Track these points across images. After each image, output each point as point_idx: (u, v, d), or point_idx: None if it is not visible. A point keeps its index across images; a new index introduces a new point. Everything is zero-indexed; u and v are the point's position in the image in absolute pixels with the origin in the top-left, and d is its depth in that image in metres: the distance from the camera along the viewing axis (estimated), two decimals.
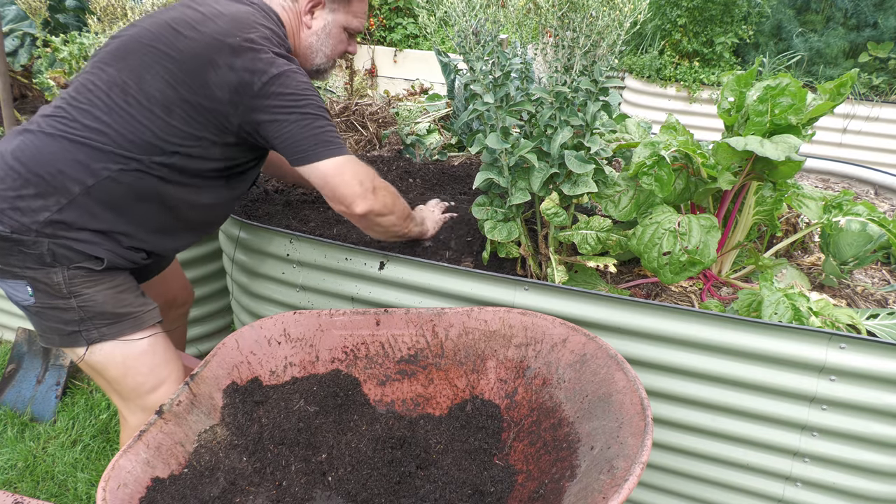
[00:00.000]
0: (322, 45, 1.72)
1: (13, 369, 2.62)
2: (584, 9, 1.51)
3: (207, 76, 1.47)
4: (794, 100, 1.66)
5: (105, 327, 1.53)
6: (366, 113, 2.89)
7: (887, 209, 2.44)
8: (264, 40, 1.52)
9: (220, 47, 1.48)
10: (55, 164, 1.44)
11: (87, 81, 1.51)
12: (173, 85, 1.48)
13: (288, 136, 1.52)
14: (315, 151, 1.53)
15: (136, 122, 1.47)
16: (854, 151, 4.41)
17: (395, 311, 1.65)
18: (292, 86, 1.50)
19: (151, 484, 1.29)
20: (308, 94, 1.52)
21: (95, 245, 1.49)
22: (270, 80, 1.48)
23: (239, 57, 1.47)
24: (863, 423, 1.49)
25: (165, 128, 1.49)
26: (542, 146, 1.69)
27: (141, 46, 1.51)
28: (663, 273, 1.64)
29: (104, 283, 1.52)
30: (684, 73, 4.60)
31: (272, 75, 1.48)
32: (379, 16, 6.20)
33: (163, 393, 1.61)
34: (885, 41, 4.42)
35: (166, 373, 1.62)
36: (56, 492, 2.19)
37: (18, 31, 3.42)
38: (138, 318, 1.57)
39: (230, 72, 1.47)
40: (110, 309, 1.53)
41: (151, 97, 1.48)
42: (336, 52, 1.74)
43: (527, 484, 1.37)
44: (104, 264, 1.50)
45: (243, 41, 1.49)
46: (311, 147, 1.52)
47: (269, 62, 1.49)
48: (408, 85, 5.47)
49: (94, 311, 1.51)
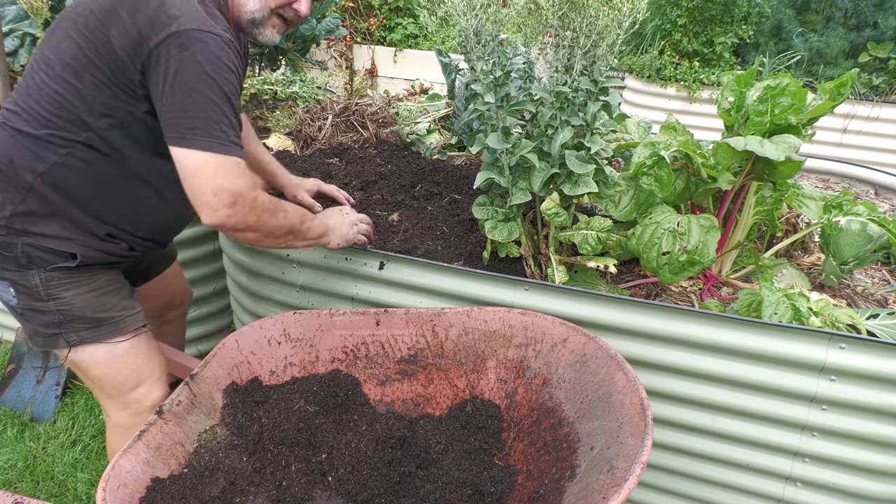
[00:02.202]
0: None
1: (13, 369, 2.62)
2: (584, 9, 1.51)
3: (109, 31, 1.31)
4: (794, 100, 1.66)
5: (84, 331, 1.51)
6: (366, 113, 2.89)
7: (887, 209, 2.44)
8: None
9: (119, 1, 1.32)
10: (6, 153, 1.40)
11: (28, 65, 1.44)
12: (81, 47, 1.34)
13: (166, 108, 1.30)
14: (183, 135, 1.30)
15: (58, 97, 1.37)
16: (854, 151, 4.40)
17: (395, 311, 1.64)
18: (193, 50, 1.27)
19: (151, 484, 1.29)
20: (210, 66, 1.29)
21: (67, 241, 1.44)
22: (168, 38, 1.27)
23: (140, 8, 1.29)
24: (863, 423, 1.49)
25: (78, 96, 1.36)
26: (543, 146, 1.69)
27: (64, 16, 1.40)
28: (662, 273, 1.64)
29: (83, 285, 1.48)
30: (684, 73, 4.60)
31: (170, 32, 1.27)
32: (379, 16, 6.20)
33: (143, 391, 1.61)
34: (885, 41, 4.41)
35: (147, 372, 1.61)
36: (56, 492, 2.19)
37: (18, 31, 3.42)
38: (119, 322, 1.54)
39: (131, 26, 1.29)
40: (89, 314, 1.50)
41: (66, 65, 1.36)
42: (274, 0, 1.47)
43: (527, 484, 1.37)
44: (77, 260, 1.45)
45: None
46: (183, 129, 1.30)
47: (173, 17, 1.28)
48: (408, 85, 5.47)
49: (72, 315, 1.49)
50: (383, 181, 2.40)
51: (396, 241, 2.02)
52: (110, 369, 1.56)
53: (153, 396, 1.62)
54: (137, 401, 1.61)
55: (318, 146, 2.77)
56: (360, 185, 2.37)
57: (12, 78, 3.36)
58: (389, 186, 2.37)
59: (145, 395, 1.61)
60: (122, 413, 1.64)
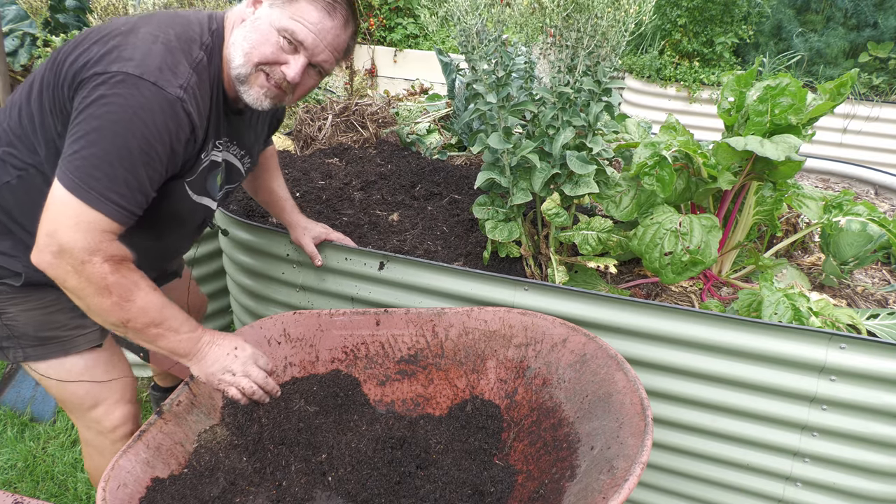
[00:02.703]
0: (243, 39, 1.33)
1: (13, 369, 2.62)
2: (589, 9, 1.50)
3: (69, 56, 1.25)
4: (794, 100, 1.66)
5: (30, 348, 1.45)
6: (366, 113, 2.89)
7: (887, 209, 2.44)
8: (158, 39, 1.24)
9: (107, 26, 1.26)
10: None
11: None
12: (48, 69, 1.29)
13: (69, 136, 1.20)
14: (63, 168, 1.18)
15: (20, 117, 1.32)
16: (854, 151, 4.41)
17: (395, 311, 1.64)
18: (122, 93, 1.16)
19: (151, 484, 1.29)
20: (129, 118, 1.17)
21: (13, 259, 1.38)
22: (105, 74, 1.18)
23: (105, 40, 1.23)
24: (863, 423, 1.49)
25: (31, 119, 1.31)
26: (544, 146, 1.69)
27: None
28: (665, 273, 1.64)
29: (30, 301, 1.42)
30: (684, 73, 4.60)
31: (111, 70, 1.18)
32: (379, 16, 6.21)
33: (101, 412, 1.55)
34: (885, 41, 4.41)
35: (106, 393, 1.54)
36: (56, 492, 2.19)
37: (18, 31, 3.42)
38: (67, 342, 1.47)
39: (86, 53, 1.22)
40: (32, 332, 1.44)
41: (36, 86, 1.31)
42: (257, 53, 1.32)
43: (527, 484, 1.37)
44: (22, 279, 1.38)
45: (125, 28, 1.24)
46: (66, 162, 1.18)
47: (124, 58, 1.19)
48: (408, 85, 5.47)
49: (18, 331, 1.44)
50: (383, 181, 2.40)
51: (396, 241, 2.02)
52: (65, 388, 1.51)
53: (113, 417, 1.56)
54: (97, 421, 1.56)
55: (318, 146, 2.77)
56: (360, 185, 2.37)
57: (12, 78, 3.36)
58: (389, 186, 2.37)
59: (105, 416, 1.56)
60: (88, 432, 1.60)
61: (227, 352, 1.40)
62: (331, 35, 1.35)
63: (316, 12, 1.33)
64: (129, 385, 1.60)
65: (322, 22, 1.33)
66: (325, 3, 1.33)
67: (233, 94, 1.40)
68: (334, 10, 1.34)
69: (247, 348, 1.43)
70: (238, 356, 1.41)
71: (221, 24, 1.37)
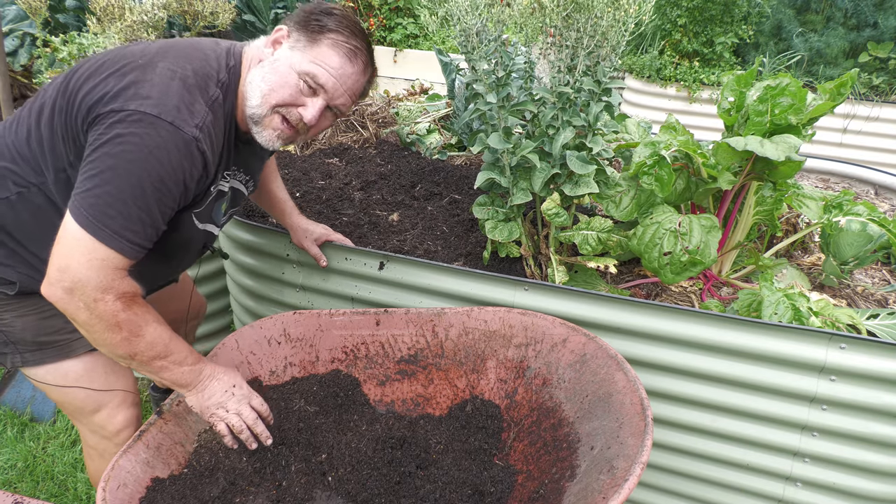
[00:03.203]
0: (262, 80, 1.33)
1: (13, 370, 2.62)
2: (589, 9, 1.50)
3: (85, 84, 1.25)
4: (794, 100, 1.66)
5: (28, 353, 1.46)
6: (366, 113, 2.89)
7: (887, 209, 2.44)
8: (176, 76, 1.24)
9: (125, 56, 1.27)
10: None
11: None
12: (61, 92, 1.28)
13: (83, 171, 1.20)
14: (77, 204, 1.18)
15: (27, 134, 1.33)
16: (854, 151, 4.41)
17: (395, 311, 1.64)
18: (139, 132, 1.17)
19: (151, 484, 1.29)
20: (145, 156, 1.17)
21: (8, 268, 1.38)
22: (122, 111, 1.18)
23: (122, 73, 1.23)
24: (863, 423, 1.49)
25: (40, 140, 1.31)
26: (544, 146, 1.69)
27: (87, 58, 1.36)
28: (664, 273, 1.64)
29: (25, 307, 1.42)
30: (684, 73, 4.60)
31: (128, 109, 1.18)
32: (379, 16, 6.21)
33: (104, 415, 1.54)
34: (885, 41, 4.41)
35: (108, 396, 1.54)
36: (56, 492, 2.19)
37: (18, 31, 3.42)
38: (64, 346, 1.47)
39: (103, 86, 1.23)
40: (30, 337, 1.44)
41: (45, 106, 1.31)
42: (276, 95, 1.33)
43: (527, 484, 1.37)
44: (17, 288, 1.39)
45: (143, 60, 1.25)
46: (80, 199, 1.18)
47: (141, 96, 1.19)
48: (408, 85, 5.47)
49: (15, 337, 1.44)
50: (383, 181, 2.40)
51: (396, 241, 2.02)
52: (66, 393, 1.50)
53: (116, 421, 1.56)
54: (101, 426, 1.56)
55: (318, 146, 2.77)
56: (360, 185, 2.37)
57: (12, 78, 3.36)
58: (389, 186, 2.37)
59: (108, 420, 1.55)
60: (91, 436, 1.59)
61: (226, 388, 1.40)
62: (351, 80, 1.37)
63: (338, 58, 1.34)
64: (130, 388, 1.60)
65: (343, 67, 1.35)
66: (347, 50, 1.35)
67: (244, 126, 1.41)
68: (355, 56, 1.36)
69: (244, 387, 1.43)
70: (234, 394, 1.41)
71: (239, 60, 1.38)
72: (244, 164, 1.51)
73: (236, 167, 1.49)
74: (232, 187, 1.50)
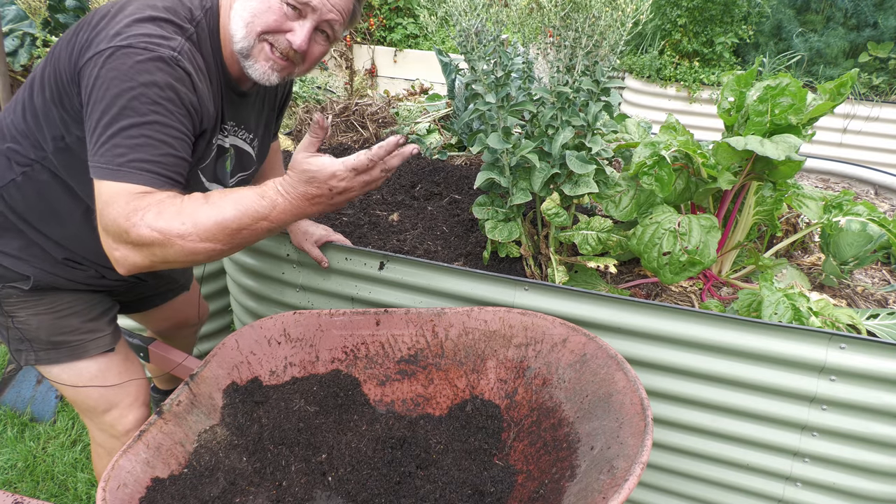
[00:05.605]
0: (243, 9, 1.26)
1: (13, 369, 2.62)
2: (587, 9, 1.51)
3: (64, 49, 1.23)
4: (794, 100, 1.66)
5: (42, 352, 1.46)
6: (366, 113, 2.89)
7: (887, 209, 2.44)
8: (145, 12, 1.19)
9: (96, 12, 1.24)
10: None
11: None
12: (48, 63, 1.28)
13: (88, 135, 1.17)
14: (91, 168, 1.16)
15: (24, 112, 1.32)
16: (854, 151, 4.41)
17: (395, 311, 1.64)
18: (114, 64, 1.12)
19: (151, 484, 1.29)
20: (136, 85, 1.12)
21: (23, 262, 1.38)
22: (96, 55, 1.15)
23: (100, 23, 1.20)
24: (863, 423, 1.49)
25: (34, 113, 1.30)
26: (544, 146, 1.69)
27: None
28: (663, 273, 1.64)
29: (41, 305, 1.42)
30: (684, 73, 4.60)
31: (99, 50, 1.14)
32: (379, 16, 6.21)
33: (115, 415, 1.55)
34: (885, 41, 4.42)
35: (120, 397, 1.55)
36: (56, 492, 2.19)
37: (18, 31, 3.42)
38: (78, 347, 1.47)
39: (76, 44, 1.21)
40: (44, 336, 1.44)
41: (37, 81, 1.30)
42: (260, 21, 1.26)
43: (527, 484, 1.37)
44: (31, 283, 1.38)
45: (114, 9, 1.21)
46: (92, 161, 1.16)
47: (109, 36, 1.16)
48: (408, 85, 5.47)
49: (30, 335, 1.44)
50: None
51: (396, 241, 2.02)
52: (78, 392, 1.51)
53: (126, 421, 1.57)
54: (111, 425, 1.57)
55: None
56: None
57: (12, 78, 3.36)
58: (389, 186, 2.37)
59: (118, 420, 1.56)
60: (101, 435, 1.60)
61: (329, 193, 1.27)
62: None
63: None
64: (142, 388, 1.61)
65: None
66: None
67: (236, 73, 1.36)
68: None
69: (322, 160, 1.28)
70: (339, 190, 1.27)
71: (216, 2, 1.32)
72: (244, 121, 1.48)
73: (234, 122, 1.45)
74: (234, 145, 1.47)
